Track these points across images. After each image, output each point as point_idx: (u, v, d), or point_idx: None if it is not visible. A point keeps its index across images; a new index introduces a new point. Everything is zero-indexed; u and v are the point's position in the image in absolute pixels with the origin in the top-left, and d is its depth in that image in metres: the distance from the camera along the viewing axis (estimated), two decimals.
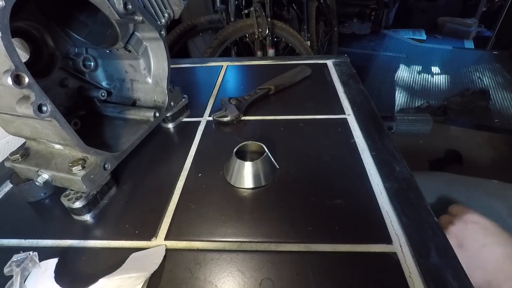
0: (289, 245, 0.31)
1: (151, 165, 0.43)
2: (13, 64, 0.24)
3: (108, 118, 0.47)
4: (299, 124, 0.50)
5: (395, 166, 0.39)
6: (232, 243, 0.31)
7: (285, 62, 0.73)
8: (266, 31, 1.21)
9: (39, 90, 0.26)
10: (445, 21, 3.33)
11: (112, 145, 0.40)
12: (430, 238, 0.30)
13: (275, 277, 0.28)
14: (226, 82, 0.67)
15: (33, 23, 0.38)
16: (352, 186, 0.37)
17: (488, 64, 2.61)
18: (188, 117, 0.54)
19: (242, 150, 0.41)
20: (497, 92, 2.15)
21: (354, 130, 0.47)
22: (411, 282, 0.26)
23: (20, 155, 0.35)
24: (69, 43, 0.43)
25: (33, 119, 0.29)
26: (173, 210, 0.36)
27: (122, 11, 0.35)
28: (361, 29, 3.37)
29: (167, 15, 0.43)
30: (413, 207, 0.33)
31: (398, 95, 2.22)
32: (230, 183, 0.38)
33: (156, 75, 0.46)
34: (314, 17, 1.80)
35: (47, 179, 0.34)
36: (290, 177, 0.35)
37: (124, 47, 0.42)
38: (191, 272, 0.29)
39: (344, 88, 0.59)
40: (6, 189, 0.41)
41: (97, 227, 0.34)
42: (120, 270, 0.29)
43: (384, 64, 2.73)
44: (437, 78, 2.44)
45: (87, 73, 0.47)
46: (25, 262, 0.28)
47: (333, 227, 0.32)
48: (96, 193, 0.35)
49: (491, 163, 1.48)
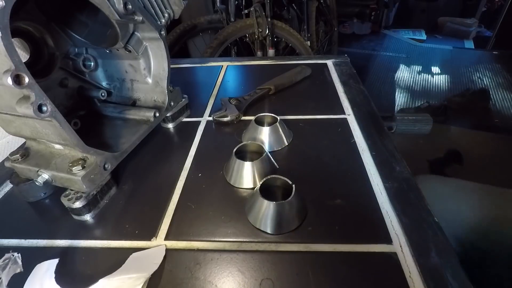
0: (289, 245, 0.31)
1: (151, 165, 0.43)
2: (13, 64, 0.24)
3: (108, 118, 0.47)
4: (299, 124, 0.49)
5: (395, 166, 0.39)
6: (232, 243, 0.31)
7: (285, 62, 0.73)
8: (266, 31, 1.21)
9: (39, 90, 0.26)
10: (445, 21, 3.33)
11: (112, 145, 0.40)
12: (430, 238, 0.30)
13: (275, 277, 0.28)
14: (226, 82, 0.67)
15: (33, 23, 0.38)
16: (352, 186, 0.37)
17: (488, 64, 2.61)
18: (188, 117, 0.54)
19: (242, 150, 0.41)
20: (497, 92, 2.15)
21: (354, 130, 0.47)
22: (411, 282, 0.26)
23: (20, 155, 0.35)
24: (69, 43, 0.43)
25: (33, 119, 0.29)
26: (173, 210, 0.36)
27: (122, 11, 0.35)
28: (361, 29, 3.37)
29: (167, 15, 0.43)
30: (413, 207, 0.33)
31: (398, 95, 2.22)
32: (230, 183, 0.38)
33: (156, 75, 0.46)
34: (314, 17, 1.80)
35: (47, 179, 0.34)
36: (290, 177, 0.35)
37: (124, 47, 0.42)
38: (191, 272, 0.29)
39: (344, 88, 0.59)
40: (6, 189, 0.41)
41: (97, 227, 0.34)
42: (120, 270, 0.29)
43: (384, 64, 2.72)
44: (437, 78, 2.44)
45: (87, 73, 0.47)
46: (9, 265, 0.29)
47: (333, 227, 0.32)
48: (96, 193, 0.35)
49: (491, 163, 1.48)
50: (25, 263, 0.30)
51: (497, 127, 1.82)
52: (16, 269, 0.30)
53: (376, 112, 0.51)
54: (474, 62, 2.65)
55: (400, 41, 3.21)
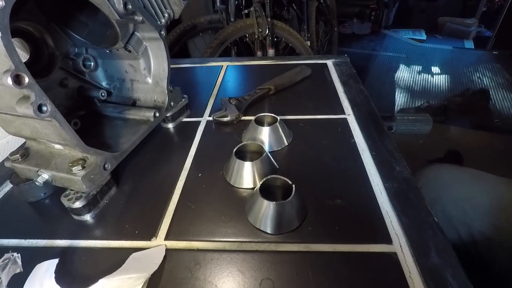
0: (289, 245, 0.31)
1: (151, 165, 0.43)
2: (13, 64, 0.24)
3: (108, 118, 0.47)
4: (299, 124, 0.49)
5: (395, 166, 0.39)
6: (232, 243, 0.31)
7: (285, 62, 0.73)
8: (266, 31, 1.21)
9: (39, 90, 0.26)
10: (445, 21, 3.33)
11: (112, 145, 0.40)
12: (430, 238, 0.30)
13: (275, 277, 0.28)
14: (226, 82, 0.67)
15: (33, 23, 0.38)
16: (352, 186, 0.37)
17: (488, 64, 2.61)
18: (188, 117, 0.54)
19: (242, 150, 0.41)
20: (497, 92, 2.15)
21: (354, 130, 0.47)
22: (411, 282, 0.26)
23: (20, 155, 0.35)
24: (69, 43, 0.43)
25: (33, 119, 0.29)
26: (173, 210, 0.36)
27: (122, 11, 0.35)
28: (361, 29, 3.37)
29: (167, 15, 0.43)
30: (413, 207, 0.33)
31: (398, 95, 2.22)
32: (230, 183, 0.38)
33: (156, 75, 0.46)
34: (314, 17, 1.80)
35: (47, 179, 0.34)
36: (290, 177, 0.35)
37: (124, 47, 0.42)
38: (191, 272, 0.29)
39: (344, 88, 0.59)
40: (6, 189, 0.41)
41: (97, 227, 0.34)
42: (120, 270, 0.29)
43: (384, 64, 2.72)
44: (437, 78, 2.44)
45: (87, 73, 0.47)
46: (8, 265, 0.29)
47: (333, 227, 0.32)
48: (96, 193, 0.35)
49: (491, 163, 1.48)
50: (25, 263, 0.30)
51: (497, 127, 1.82)
52: (16, 269, 0.30)
53: (376, 112, 0.51)
54: (474, 62, 2.65)
55: (400, 41, 3.21)
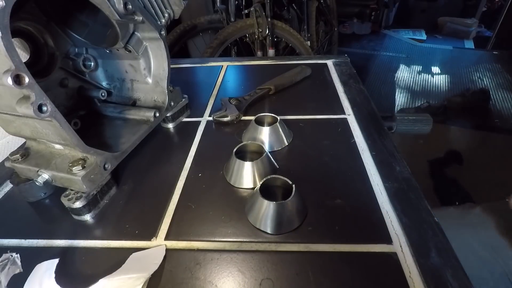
0: (289, 245, 0.31)
1: (151, 165, 0.43)
2: (13, 64, 0.24)
3: (108, 118, 0.47)
4: (299, 124, 0.49)
5: (395, 166, 0.39)
6: (232, 243, 0.31)
7: (285, 62, 0.73)
8: (266, 31, 1.21)
9: (39, 90, 0.26)
10: (445, 21, 3.33)
11: (112, 145, 0.40)
12: (430, 238, 0.30)
13: (275, 277, 0.28)
14: (226, 82, 0.67)
15: (33, 23, 0.38)
16: (352, 186, 0.37)
17: (488, 64, 2.61)
18: (188, 117, 0.54)
19: (242, 150, 0.41)
20: (497, 92, 2.15)
21: (354, 130, 0.47)
22: (411, 282, 0.26)
23: (20, 155, 0.35)
24: (69, 43, 0.43)
25: (33, 119, 0.29)
26: (173, 210, 0.36)
27: (122, 11, 0.35)
28: (361, 29, 3.37)
29: (167, 15, 0.43)
30: (413, 207, 0.33)
31: (398, 95, 2.22)
32: (230, 183, 0.38)
33: (156, 75, 0.46)
34: (314, 17, 1.80)
35: (47, 179, 0.34)
36: (290, 177, 0.35)
37: (124, 47, 0.42)
38: (191, 272, 0.29)
39: (344, 88, 0.59)
40: (6, 189, 0.41)
41: (97, 227, 0.34)
42: (120, 270, 0.29)
43: (384, 64, 2.73)
44: (437, 78, 2.44)
45: (87, 73, 0.47)
46: (8, 265, 0.29)
47: (333, 227, 0.32)
48: (96, 193, 0.35)
49: (491, 163, 1.48)
50: (25, 263, 0.30)
51: (497, 127, 1.82)
52: (15, 270, 0.30)
53: (376, 112, 0.51)
54: (474, 62, 2.65)
55: (400, 41, 3.21)
